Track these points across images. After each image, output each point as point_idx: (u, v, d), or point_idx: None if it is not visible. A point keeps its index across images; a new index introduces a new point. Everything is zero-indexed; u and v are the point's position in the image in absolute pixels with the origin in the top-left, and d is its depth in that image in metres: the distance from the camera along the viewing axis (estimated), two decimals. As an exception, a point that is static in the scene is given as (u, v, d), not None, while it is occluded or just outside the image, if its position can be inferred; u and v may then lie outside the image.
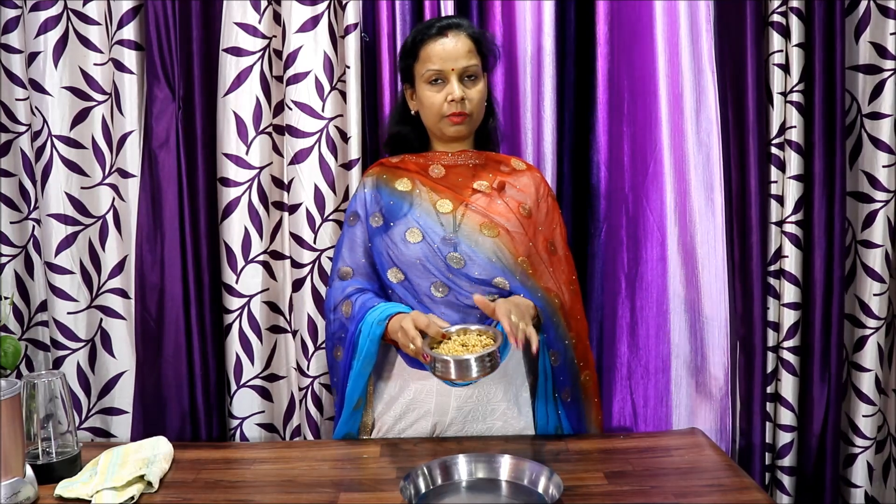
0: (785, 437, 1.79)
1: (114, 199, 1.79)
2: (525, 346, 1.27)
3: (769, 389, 1.80)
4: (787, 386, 1.78)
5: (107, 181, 1.79)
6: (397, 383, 1.50)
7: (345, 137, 1.76)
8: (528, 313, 1.36)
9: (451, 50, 1.46)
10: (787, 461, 1.80)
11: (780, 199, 1.77)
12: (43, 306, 1.85)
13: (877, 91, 1.73)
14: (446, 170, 1.55)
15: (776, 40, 1.72)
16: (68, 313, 1.79)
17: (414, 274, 1.46)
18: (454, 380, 1.26)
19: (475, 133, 1.59)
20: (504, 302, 1.35)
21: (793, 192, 1.75)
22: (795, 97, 1.73)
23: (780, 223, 1.77)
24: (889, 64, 1.70)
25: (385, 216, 1.51)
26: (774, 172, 1.77)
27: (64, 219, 1.77)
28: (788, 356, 1.78)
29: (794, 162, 1.74)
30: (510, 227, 1.48)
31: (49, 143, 1.75)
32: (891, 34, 1.69)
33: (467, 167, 1.56)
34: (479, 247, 1.45)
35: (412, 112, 1.56)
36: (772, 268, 1.79)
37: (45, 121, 1.74)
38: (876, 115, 1.73)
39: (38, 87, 1.73)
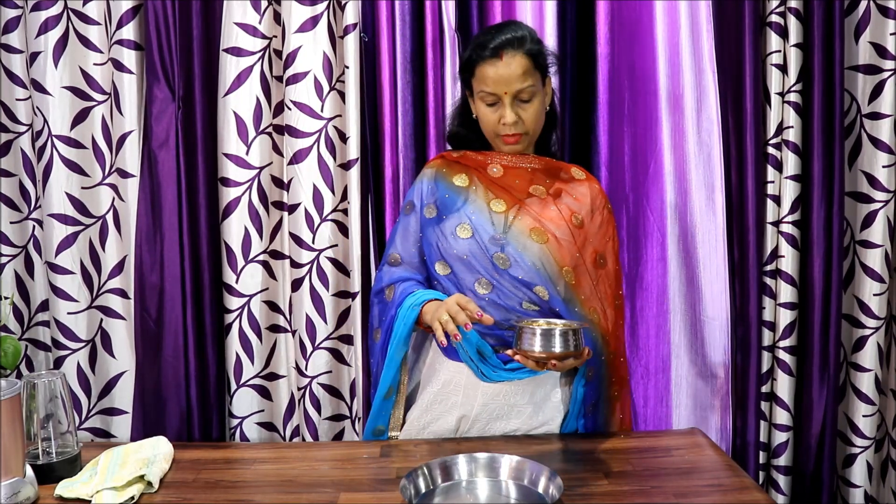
0: (780, 437, 1.80)
1: (114, 199, 1.79)
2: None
3: (765, 389, 1.80)
4: (783, 385, 1.78)
5: (107, 181, 1.79)
6: (428, 373, 1.52)
7: (343, 138, 1.76)
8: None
9: (504, 75, 1.42)
10: (782, 460, 1.80)
11: (777, 200, 1.77)
12: (43, 306, 1.85)
13: (876, 91, 1.73)
14: (505, 170, 1.53)
15: (774, 40, 1.72)
16: (69, 313, 1.79)
17: (460, 268, 1.46)
18: (537, 354, 1.26)
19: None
20: None
21: (790, 192, 1.75)
22: (793, 97, 1.73)
23: (776, 223, 1.78)
24: (889, 64, 1.70)
25: (439, 208, 1.52)
26: (771, 172, 1.77)
27: (64, 219, 1.77)
28: (784, 356, 1.78)
29: (791, 162, 1.74)
30: (559, 234, 1.47)
31: (49, 143, 1.75)
32: (890, 34, 1.69)
33: (526, 170, 1.54)
34: (525, 251, 1.45)
35: (473, 115, 1.53)
36: (768, 268, 1.79)
37: (45, 121, 1.74)
38: (876, 116, 1.73)
39: (39, 87, 1.73)
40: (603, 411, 1.52)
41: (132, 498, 1.26)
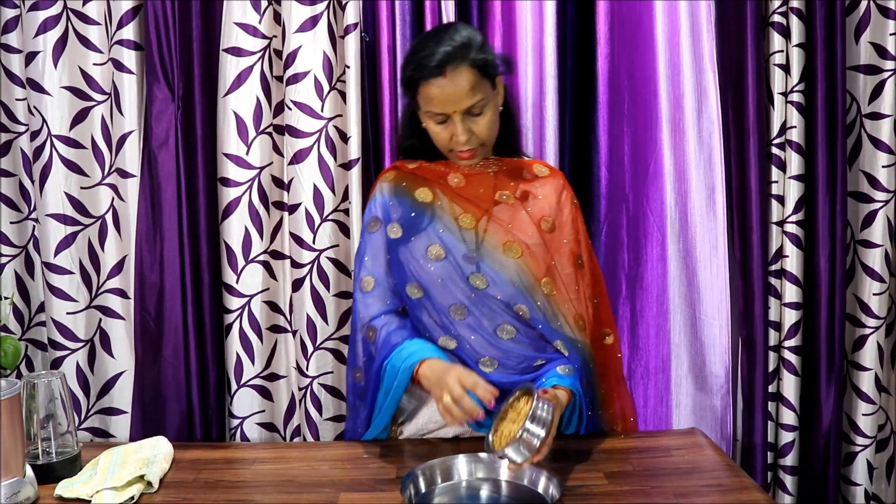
0: (787, 437, 1.79)
1: (113, 199, 1.79)
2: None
3: (771, 389, 1.80)
4: (790, 385, 1.78)
5: (106, 181, 1.79)
6: (420, 396, 1.48)
7: (344, 137, 1.76)
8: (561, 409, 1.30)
9: (450, 93, 1.32)
10: (788, 460, 1.80)
11: (781, 199, 1.77)
12: (43, 307, 1.84)
13: (877, 91, 1.73)
14: (466, 179, 1.47)
15: (776, 40, 1.72)
16: (67, 313, 1.79)
17: (434, 292, 1.41)
18: (525, 461, 1.19)
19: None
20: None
21: (794, 191, 1.75)
22: (796, 97, 1.73)
23: (780, 223, 1.78)
24: (889, 64, 1.71)
25: (404, 228, 1.45)
26: (775, 172, 1.77)
27: (63, 219, 1.77)
28: (790, 356, 1.78)
29: (794, 162, 1.74)
30: (532, 243, 1.42)
31: (48, 143, 1.74)
32: (890, 34, 1.70)
33: (488, 176, 1.47)
34: (502, 268, 1.40)
35: (423, 125, 1.43)
36: (773, 267, 1.79)
37: (44, 121, 1.74)
38: (876, 116, 1.73)
39: (38, 87, 1.73)
40: (600, 411, 1.51)
41: (132, 498, 1.26)
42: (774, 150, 1.76)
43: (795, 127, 1.73)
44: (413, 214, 1.45)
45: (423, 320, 1.43)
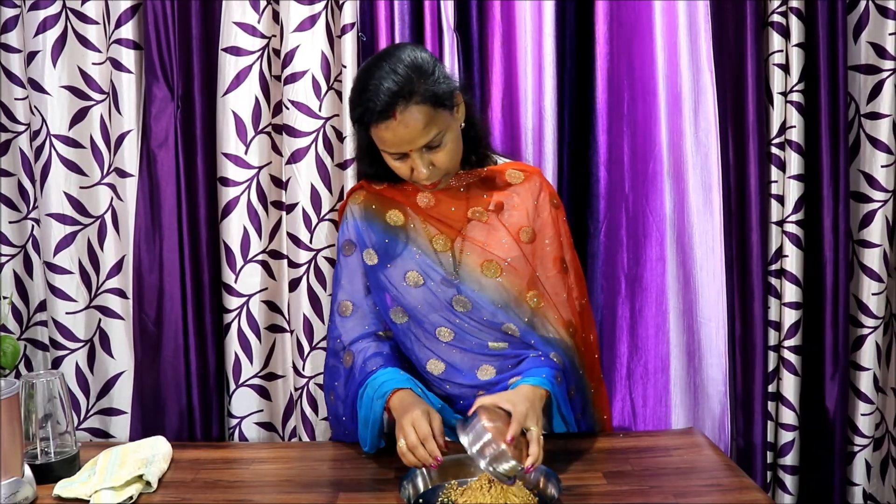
0: (787, 436, 1.79)
1: (112, 198, 1.79)
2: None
3: (771, 388, 1.80)
4: (789, 385, 1.78)
5: (105, 181, 1.79)
6: None
7: (340, 137, 1.76)
8: (539, 405, 1.26)
9: (403, 135, 1.24)
10: (789, 460, 1.80)
11: (781, 199, 1.77)
12: (42, 306, 1.85)
13: (875, 91, 1.73)
14: (436, 198, 1.42)
15: (776, 40, 1.72)
16: (67, 313, 1.79)
17: (418, 316, 1.40)
18: (527, 462, 1.18)
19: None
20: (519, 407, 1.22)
21: (794, 191, 1.75)
22: (796, 97, 1.73)
23: (780, 223, 1.77)
24: (888, 64, 1.71)
25: (379, 254, 1.42)
26: (775, 172, 1.77)
27: (63, 218, 1.77)
28: (789, 355, 1.78)
29: (794, 162, 1.74)
30: (512, 258, 1.38)
31: (48, 143, 1.74)
32: (889, 34, 1.70)
33: (458, 191, 1.43)
34: (483, 290, 1.37)
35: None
36: (772, 267, 1.79)
37: (44, 120, 1.74)
38: (874, 116, 1.74)
39: (37, 87, 1.73)
40: (591, 412, 1.51)
41: (130, 498, 1.26)
42: (774, 150, 1.76)
43: (795, 127, 1.73)
44: (387, 240, 1.42)
45: (409, 344, 1.42)
